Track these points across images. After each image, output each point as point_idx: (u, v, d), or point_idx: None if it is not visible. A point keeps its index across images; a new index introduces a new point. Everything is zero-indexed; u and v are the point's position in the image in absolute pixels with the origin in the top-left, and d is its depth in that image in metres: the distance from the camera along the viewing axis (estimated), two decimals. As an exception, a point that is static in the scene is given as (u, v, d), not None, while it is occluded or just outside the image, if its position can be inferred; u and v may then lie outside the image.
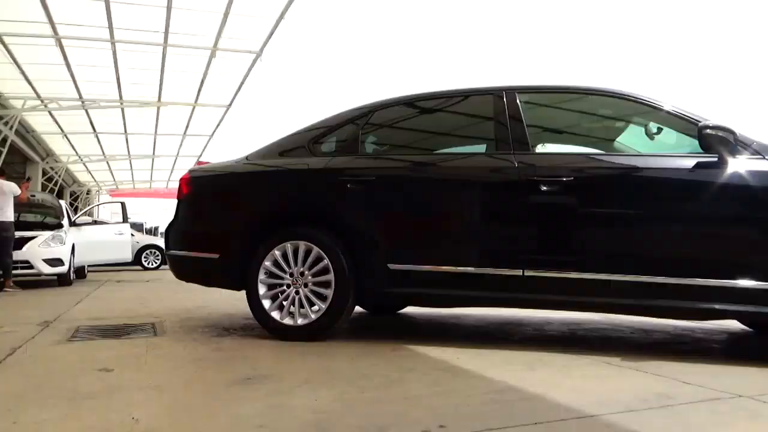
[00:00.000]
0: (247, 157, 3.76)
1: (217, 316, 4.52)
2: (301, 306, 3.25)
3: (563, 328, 3.95)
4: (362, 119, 3.58)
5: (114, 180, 25.65)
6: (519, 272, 2.96)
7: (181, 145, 17.91)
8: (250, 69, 11.18)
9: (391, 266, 3.16)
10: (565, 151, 3.69)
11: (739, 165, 2.74)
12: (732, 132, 2.76)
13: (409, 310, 4.81)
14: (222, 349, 3.06)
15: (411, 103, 3.69)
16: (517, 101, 3.26)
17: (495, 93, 3.34)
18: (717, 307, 2.71)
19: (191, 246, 3.70)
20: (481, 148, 3.60)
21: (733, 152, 2.77)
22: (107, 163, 20.67)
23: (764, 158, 2.74)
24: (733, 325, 4.08)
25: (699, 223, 2.84)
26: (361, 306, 4.55)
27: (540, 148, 3.48)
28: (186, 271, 3.79)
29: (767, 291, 2.62)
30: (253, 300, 3.33)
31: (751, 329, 3.93)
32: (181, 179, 3.83)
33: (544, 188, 2.97)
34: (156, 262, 15.54)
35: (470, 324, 4.13)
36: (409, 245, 3.24)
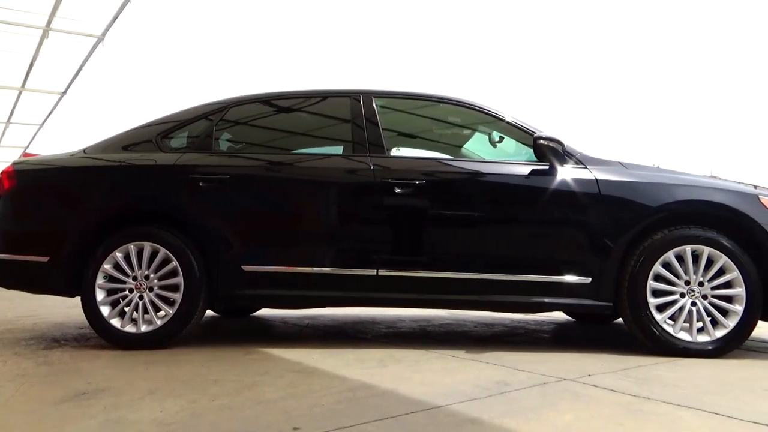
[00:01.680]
0: (84, 150, 3.43)
1: (45, 326, 4.05)
2: (146, 312, 3.04)
3: (414, 325, 4.13)
4: (216, 115, 3.44)
5: None
6: (373, 272, 3.04)
7: (3, 134, 15.82)
8: (90, 54, 10.22)
9: (245, 267, 3.07)
10: (418, 156, 3.86)
11: (565, 173, 3.07)
12: (561, 143, 3.09)
13: (264, 312, 4.71)
14: (51, 363, 2.75)
15: (268, 101, 3.62)
16: (374, 105, 3.35)
17: (352, 96, 3.40)
18: (547, 300, 3.02)
19: (14, 248, 3.28)
20: (338, 149, 3.63)
21: (562, 161, 3.10)
22: None
23: (586, 167, 3.10)
24: (560, 316, 4.57)
25: (532, 225, 3.13)
26: (212, 309, 4.37)
27: (395, 152, 3.61)
28: (7, 277, 3.35)
29: (587, 285, 2.97)
30: (90, 307, 3.04)
31: (573, 319, 4.43)
32: (3, 172, 3.38)
33: (398, 191, 3.08)
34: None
35: (325, 324, 4.15)
36: (264, 246, 3.18)
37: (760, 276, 2.89)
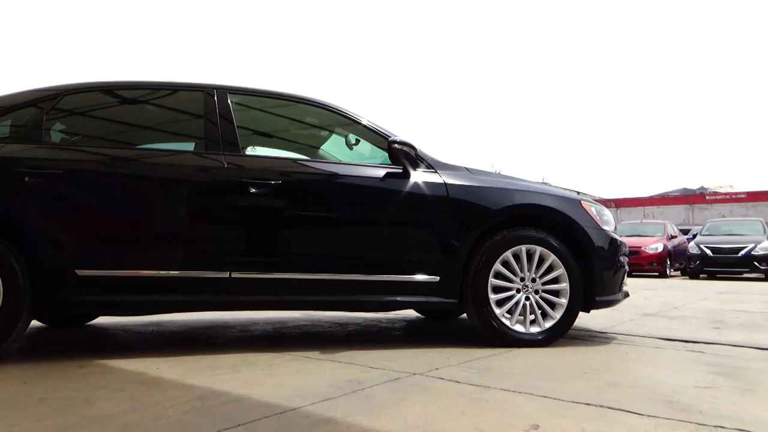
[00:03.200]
0: None
1: None
2: (-47, 324, 2.63)
3: (268, 327, 4.05)
4: (48, 102, 3.08)
5: None
6: (226, 274, 2.93)
7: None
8: None
9: (81, 272, 2.79)
10: (274, 155, 3.80)
11: (417, 176, 3.22)
12: (413, 147, 3.23)
13: (102, 320, 4.32)
14: None
15: (111, 90, 3.32)
16: (228, 101, 3.23)
17: (206, 90, 3.25)
18: (399, 299, 3.13)
19: None
20: (189, 146, 3.44)
21: (414, 165, 3.24)
22: None
23: (436, 171, 3.28)
24: (411, 313, 4.77)
25: (385, 226, 3.23)
26: (39, 320, 3.92)
27: (250, 151, 3.51)
28: None
29: (435, 284, 3.13)
30: None
31: (423, 316, 4.65)
32: None
33: (253, 190, 3.00)
34: None
35: (173, 330, 3.92)
36: (104, 248, 2.91)
37: (581, 272, 3.27)
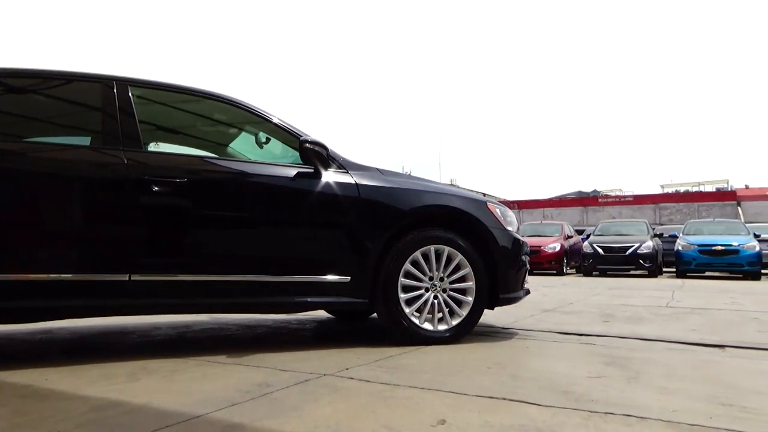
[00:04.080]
0: None
1: None
2: None
3: (171, 331, 3.88)
4: None
5: None
6: (125, 277, 2.77)
7: None
8: None
9: (-45, 276, 2.53)
10: (179, 152, 3.64)
11: (329, 177, 3.21)
12: (325, 147, 3.21)
13: (-17, 328, 3.95)
14: None
15: (-6, 77, 3.03)
16: (129, 94, 3.06)
17: (104, 82, 3.05)
18: (309, 300, 3.11)
19: None
20: (84, 140, 3.22)
21: (325, 165, 3.22)
22: None
23: (347, 172, 3.28)
24: (321, 314, 4.75)
25: (296, 226, 3.19)
26: None
27: (153, 147, 3.35)
28: None
29: (346, 284, 3.14)
30: None
31: (333, 316, 4.65)
32: None
33: (156, 188, 2.86)
34: None
35: (65, 338, 3.65)
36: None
37: (486, 270, 3.40)
